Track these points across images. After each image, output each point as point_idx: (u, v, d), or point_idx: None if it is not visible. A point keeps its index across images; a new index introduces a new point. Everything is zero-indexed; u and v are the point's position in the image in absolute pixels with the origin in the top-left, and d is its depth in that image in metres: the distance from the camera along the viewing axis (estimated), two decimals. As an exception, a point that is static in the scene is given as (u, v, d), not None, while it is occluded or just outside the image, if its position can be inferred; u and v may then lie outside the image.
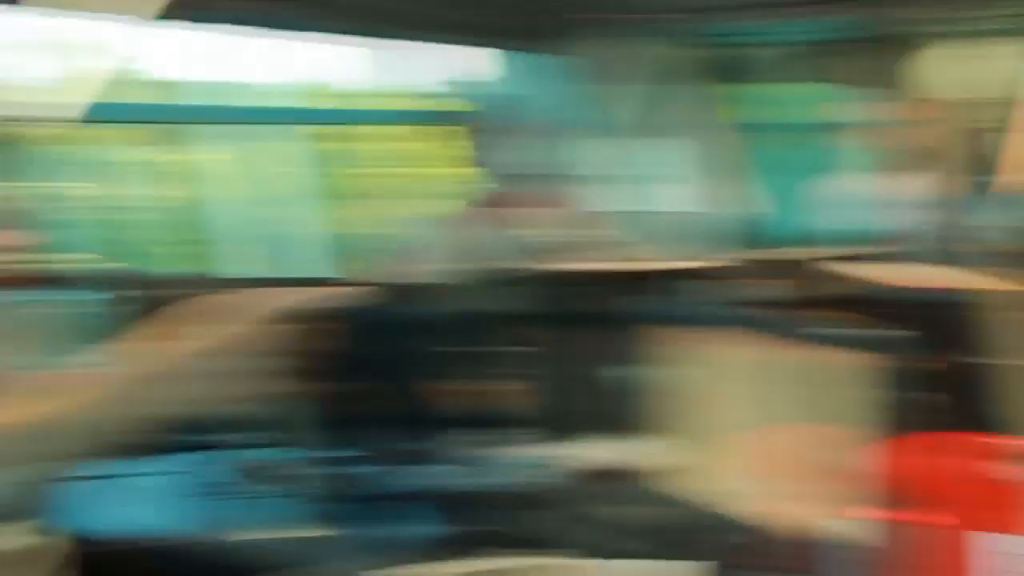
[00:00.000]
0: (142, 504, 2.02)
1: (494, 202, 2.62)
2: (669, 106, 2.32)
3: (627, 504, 1.71)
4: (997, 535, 1.32)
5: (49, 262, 1.35)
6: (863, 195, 3.02)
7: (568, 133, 4.31)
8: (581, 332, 1.89)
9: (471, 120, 2.80)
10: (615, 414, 1.91)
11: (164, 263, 3.99)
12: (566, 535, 1.64)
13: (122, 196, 3.97)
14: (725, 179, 2.22)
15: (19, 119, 1.41)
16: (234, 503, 1.98)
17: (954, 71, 3.32)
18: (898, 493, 1.38)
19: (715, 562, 1.45)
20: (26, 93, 1.40)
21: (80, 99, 1.50)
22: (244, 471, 2.10)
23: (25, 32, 3.44)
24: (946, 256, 2.42)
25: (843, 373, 1.47)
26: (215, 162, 4.09)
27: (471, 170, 2.91)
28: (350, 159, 4.67)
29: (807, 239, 2.93)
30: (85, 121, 2.25)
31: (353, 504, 1.87)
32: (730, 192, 3.77)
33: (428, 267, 2.69)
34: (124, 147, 3.94)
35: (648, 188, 4.46)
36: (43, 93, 1.48)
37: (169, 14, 1.63)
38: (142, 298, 1.41)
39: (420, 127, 4.77)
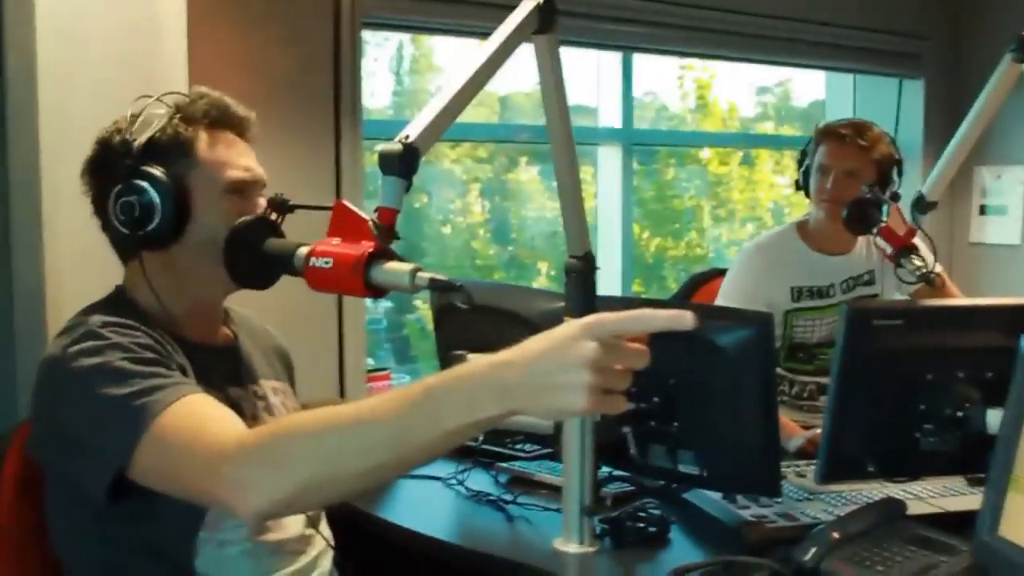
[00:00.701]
0: (414, 505, 2.07)
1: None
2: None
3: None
4: None
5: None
6: None
7: (921, 157, 4.12)
8: (947, 369, 1.75)
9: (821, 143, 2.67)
10: (970, 458, 1.75)
11: (485, 275, 4.12)
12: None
13: (455, 209, 4.16)
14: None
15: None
16: (501, 513, 1.99)
17: None
18: None
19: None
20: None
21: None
22: (515, 481, 2.12)
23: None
24: None
25: None
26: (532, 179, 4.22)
27: (799, 193, 2.79)
28: (675, 179, 4.67)
29: None
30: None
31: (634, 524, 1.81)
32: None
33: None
34: (458, 161, 4.12)
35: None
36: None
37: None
38: (469, 309, 1.41)
39: (751, 148, 4.71)
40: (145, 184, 1.49)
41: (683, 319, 1.03)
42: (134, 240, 1.52)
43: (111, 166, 1.52)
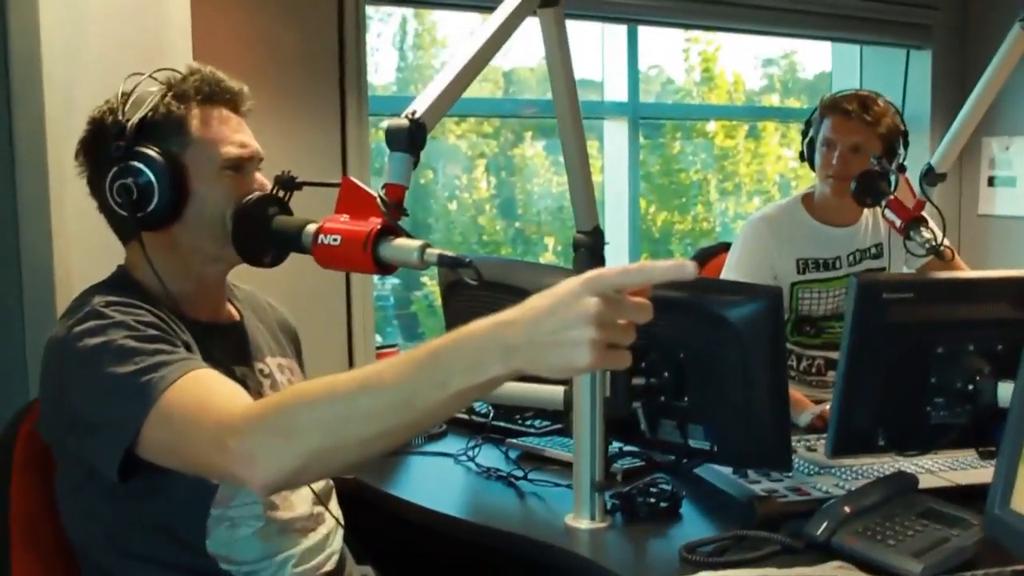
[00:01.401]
0: (425, 482, 2.08)
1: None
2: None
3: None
4: None
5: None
6: None
7: (928, 129, 4.09)
8: (958, 342, 1.74)
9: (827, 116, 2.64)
10: (981, 430, 1.74)
11: (492, 251, 4.12)
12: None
13: (462, 185, 4.15)
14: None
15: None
16: (512, 489, 1.99)
17: None
18: None
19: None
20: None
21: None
22: (526, 457, 2.12)
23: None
24: None
25: None
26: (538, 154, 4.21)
27: (805, 165, 2.77)
28: (681, 152, 4.65)
29: None
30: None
31: (641, 499, 1.81)
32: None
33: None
34: (463, 137, 4.11)
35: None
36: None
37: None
38: (477, 285, 1.41)
39: (756, 121, 4.69)
40: (141, 165, 1.48)
41: (684, 269, 1.02)
42: (133, 222, 1.51)
43: (105, 147, 1.51)
